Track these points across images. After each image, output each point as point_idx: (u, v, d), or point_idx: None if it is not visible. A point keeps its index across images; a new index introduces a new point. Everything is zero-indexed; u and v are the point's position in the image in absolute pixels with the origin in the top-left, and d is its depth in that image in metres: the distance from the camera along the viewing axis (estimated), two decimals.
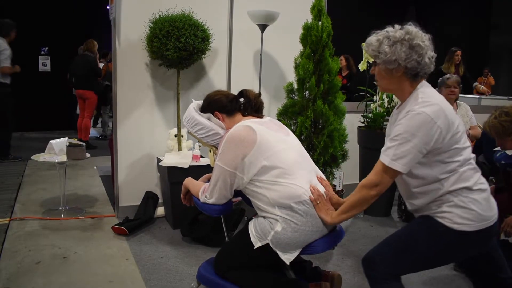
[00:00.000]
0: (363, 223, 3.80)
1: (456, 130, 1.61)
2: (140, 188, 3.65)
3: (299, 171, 1.81)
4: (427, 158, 1.61)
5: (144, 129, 3.62)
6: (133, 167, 3.64)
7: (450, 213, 1.62)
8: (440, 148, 1.60)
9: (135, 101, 3.56)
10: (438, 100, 1.61)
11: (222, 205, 1.88)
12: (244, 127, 1.82)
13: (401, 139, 1.57)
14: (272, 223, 1.76)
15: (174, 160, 3.37)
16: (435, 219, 1.65)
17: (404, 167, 1.59)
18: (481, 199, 1.64)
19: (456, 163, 1.63)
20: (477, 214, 1.61)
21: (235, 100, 2.01)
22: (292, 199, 1.74)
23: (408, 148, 1.56)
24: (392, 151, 1.58)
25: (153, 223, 3.54)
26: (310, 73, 3.23)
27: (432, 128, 1.55)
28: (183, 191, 2.09)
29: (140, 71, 3.53)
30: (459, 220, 1.60)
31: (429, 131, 1.55)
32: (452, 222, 1.61)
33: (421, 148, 1.57)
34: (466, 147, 1.66)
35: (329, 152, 3.28)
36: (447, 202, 1.63)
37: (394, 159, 1.58)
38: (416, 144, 1.56)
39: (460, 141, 1.63)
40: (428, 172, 1.63)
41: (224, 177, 1.80)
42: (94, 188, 4.49)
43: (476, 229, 1.60)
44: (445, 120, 1.58)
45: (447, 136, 1.59)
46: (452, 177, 1.63)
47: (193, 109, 2.02)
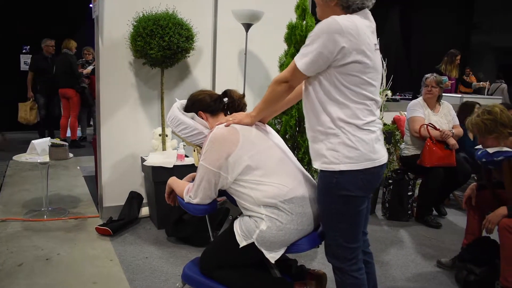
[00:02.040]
0: None
1: (365, 57, 1.62)
2: (124, 188, 3.63)
3: (284, 169, 1.82)
4: (330, 73, 1.63)
5: (128, 129, 3.60)
6: (117, 167, 3.61)
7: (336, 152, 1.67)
8: (342, 66, 1.61)
9: (118, 100, 3.53)
10: (359, 21, 1.63)
11: (206, 205, 1.87)
12: (228, 128, 1.82)
13: (310, 40, 1.63)
14: (257, 222, 1.77)
15: (159, 159, 3.36)
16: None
17: (303, 66, 1.64)
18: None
19: (354, 92, 1.64)
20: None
21: (219, 100, 2.01)
22: (277, 198, 1.75)
23: (312, 49, 1.61)
24: (302, 49, 1.65)
25: (137, 223, 3.52)
26: None
27: (338, 37, 1.57)
28: (167, 191, 2.08)
29: (123, 70, 3.51)
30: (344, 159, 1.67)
31: (334, 38, 1.58)
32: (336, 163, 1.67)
33: (323, 52, 1.59)
34: (374, 84, 1.68)
35: None
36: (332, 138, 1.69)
37: (300, 57, 1.65)
38: (319, 45, 1.59)
39: (368, 74, 1.64)
40: (328, 88, 1.65)
41: (208, 177, 1.80)
42: (77, 188, 4.44)
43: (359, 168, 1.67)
44: (355, 39, 1.59)
45: (350, 57, 1.60)
46: (348, 108, 1.66)
47: (177, 109, 2.01)
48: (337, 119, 1.66)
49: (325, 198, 1.74)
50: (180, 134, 1.99)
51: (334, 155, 1.67)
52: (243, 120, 1.85)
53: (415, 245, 3.37)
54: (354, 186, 1.67)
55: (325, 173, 1.70)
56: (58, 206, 3.82)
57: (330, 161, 1.68)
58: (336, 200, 1.70)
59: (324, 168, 1.69)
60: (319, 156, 1.72)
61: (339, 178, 1.67)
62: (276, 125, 3.36)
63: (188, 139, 1.99)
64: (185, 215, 3.17)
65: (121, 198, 3.61)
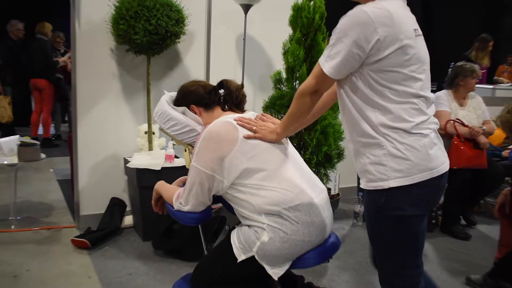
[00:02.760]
0: (363, 232, 3.83)
1: (404, 47, 1.57)
2: (104, 194, 3.63)
3: (288, 171, 1.82)
4: (362, 73, 1.60)
5: (109, 126, 3.60)
6: (96, 170, 3.62)
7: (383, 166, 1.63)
8: (378, 62, 1.57)
9: (98, 92, 3.53)
10: (391, 6, 1.58)
11: (199, 213, 1.87)
12: (224, 123, 1.82)
13: (335, 38, 1.59)
14: (258, 233, 1.77)
15: (145, 161, 3.36)
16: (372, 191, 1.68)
17: (331, 70, 1.60)
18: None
19: (395, 92, 1.60)
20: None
21: (214, 92, 2.00)
22: (280, 204, 1.75)
23: (339, 48, 1.57)
24: (327, 51, 1.61)
25: (119, 234, 3.53)
26: (301, 60, 3.24)
27: (369, 29, 1.53)
28: (155, 197, 2.08)
29: (104, 58, 3.51)
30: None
31: (365, 32, 1.54)
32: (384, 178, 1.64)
33: (353, 50, 1.55)
34: (419, 78, 1.63)
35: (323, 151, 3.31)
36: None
37: (327, 60, 1.61)
38: (347, 43, 1.55)
39: (409, 67, 1.60)
40: (363, 91, 1.62)
41: (201, 180, 1.80)
42: (50, 194, 4.44)
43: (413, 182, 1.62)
44: (390, 28, 1.54)
45: (388, 49, 1.56)
46: (390, 112, 1.61)
47: (166, 102, 2.01)
48: (379, 126, 1.61)
49: (374, 221, 1.71)
50: (170, 131, 1.99)
51: (380, 170, 1.63)
52: (266, 136, 1.82)
53: (440, 259, 3.37)
54: (408, 204, 1.62)
55: (371, 192, 1.67)
56: (28, 214, 3.82)
57: (376, 178, 1.63)
58: (387, 222, 1.66)
59: (371, 187, 1.65)
60: (363, 172, 1.69)
61: (388, 196, 1.62)
62: None
63: (178, 137, 1.99)
64: (174, 224, 3.18)
65: (101, 205, 3.61)
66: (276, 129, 1.83)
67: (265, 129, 1.84)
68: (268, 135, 1.83)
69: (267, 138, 1.82)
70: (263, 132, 1.83)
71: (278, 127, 1.83)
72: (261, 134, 1.82)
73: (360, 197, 3.96)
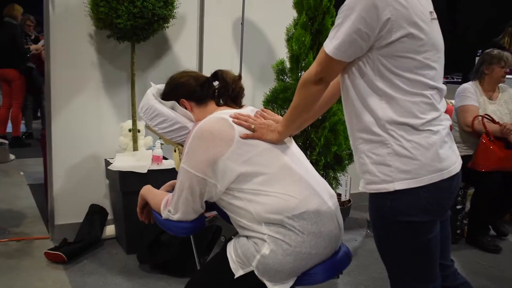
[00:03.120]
0: None
1: (418, 31, 1.58)
2: (82, 201, 3.63)
3: (292, 174, 1.82)
4: (371, 58, 1.60)
5: (87, 122, 3.60)
6: (73, 173, 3.61)
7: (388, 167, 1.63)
8: (388, 46, 1.57)
9: (75, 84, 3.53)
10: None
11: (191, 222, 1.87)
12: (219, 120, 1.82)
13: (342, 16, 1.59)
14: (258, 245, 1.77)
15: (129, 163, 3.36)
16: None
17: (335, 51, 1.59)
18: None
19: (407, 80, 1.60)
20: None
21: (208, 84, 2.00)
22: (283, 212, 1.74)
23: (346, 26, 1.57)
24: (333, 32, 1.61)
25: (100, 246, 3.53)
26: (307, 47, 3.24)
27: (380, 5, 1.53)
28: (140, 204, 2.08)
29: (81, 45, 3.51)
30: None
31: (375, 8, 1.53)
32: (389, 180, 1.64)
33: (361, 28, 1.55)
34: (433, 67, 1.64)
35: (332, 151, 3.30)
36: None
37: (331, 41, 1.61)
38: (354, 20, 1.55)
39: (424, 53, 1.60)
40: (369, 78, 1.62)
41: (192, 185, 1.80)
42: (20, 200, 4.44)
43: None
44: (403, 7, 1.54)
45: (399, 32, 1.56)
46: (398, 104, 1.61)
47: (153, 96, 2.01)
48: (384, 120, 1.61)
49: (379, 228, 1.71)
50: (157, 129, 1.98)
51: (384, 171, 1.62)
52: (266, 136, 1.81)
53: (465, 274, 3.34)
54: (416, 208, 1.62)
55: (375, 195, 1.67)
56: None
57: (379, 180, 1.63)
58: (394, 229, 1.66)
59: (373, 189, 1.65)
60: (364, 173, 1.69)
61: (394, 200, 1.62)
62: None
63: (167, 136, 1.99)
64: (163, 235, 3.17)
65: (79, 213, 3.61)
66: (277, 127, 1.83)
67: (265, 127, 1.83)
68: (268, 134, 1.82)
69: (267, 137, 1.82)
70: (262, 131, 1.82)
71: (279, 125, 1.83)
72: (260, 133, 1.82)
73: None
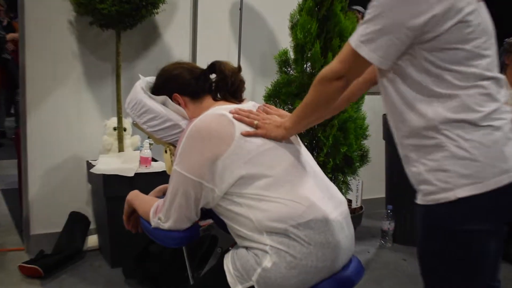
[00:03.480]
0: (392, 255, 3.85)
1: (466, 18, 1.54)
2: (61, 208, 3.63)
3: (298, 179, 1.82)
4: (414, 55, 1.58)
5: (67, 120, 3.60)
6: (51, 176, 3.62)
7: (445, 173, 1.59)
8: (434, 39, 1.54)
9: (53, 77, 3.53)
10: None
11: (183, 231, 1.88)
12: (217, 116, 1.82)
13: (374, 12, 1.56)
14: (259, 257, 1.77)
15: (114, 165, 3.36)
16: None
17: (372, 55, 1.57)
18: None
19: (458, 74, 1.57)
20: None
21: (203, 77, 2.01)
22: (287, 220, 1.74)
23: (382, 24, 1.54)
24: (362, 29, 1.59)
25: (81, 258, 3.53)
26: (313, 36, 3.25)
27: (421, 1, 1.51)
28: (126, 211, 2.08)
29: (60, 33, 3.51)
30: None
31: (418, 3, 1.51)
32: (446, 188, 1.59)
33: (399, 29, 1.53)
34: (486, 55, 1.60)
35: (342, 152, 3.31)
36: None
37: (362, 40, 1.58)
38: (393, 17, 1.53)
39: (473, 41, 1.57)
40: (414, 78, 1.60)
41: (186, 189, 1.80)
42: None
43: None
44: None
45: (448, 23, 1.53)
46: (451, 99, 1.58)
47: (141, 90, 2.01)
48: (436, 121, 1.57)
49: (429, 238, 1.67)
50: (146, 127, 1.99)
51: (442, 178, 1.58)
52: (271, 132, 1.82)
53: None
54: (478, 216, 1.57)
55: (432, 207, 1.62)
56: None
57: (438, 188, 1.58)
58: (447, 239, 1.62)
59: (433, 201, 1.61)
60: (420, 184, 1.65)
61: (454, 208, 1.57)
62: None
63: (157, 135, 2.00)
64: (152, 246, 3.17)
65: (57, 222, 3.61)
66: (284, 122, 1.83)
67: (269, 123, 1.84)
68: (274, 131, 1.82)
69: (273, 134, 1.82)
70: (267, 127, 1.83)
71: (287, 121, 1.83)
72: (265, 129, 1.82)
73: (390, 211, 3.97)
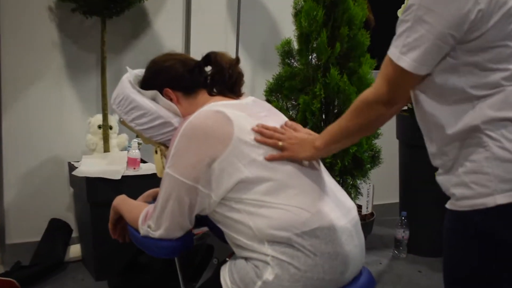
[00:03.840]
0: (407, 267, 3.86)
1: (511, 11, 1.53)
2: (41, 214, 3.63)
3: (302, 182, 1.83)
4: (455, 57, 1.57)
5: (47, 117, 3.61)
6: (28, 180, 3.62)
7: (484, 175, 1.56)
8: (479, 38, 1.53)
9: (32, 70, 3.54)
10: None
11: (176, 240, 1.88)
12: (213, 114, 1.83)
13: (412, 18, 1.54)
14: (259, 268, 1.77)
15: (98, 167, 3.36)
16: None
17: (414, 65, 1.55)
18: None
19: (504, 73, 1.56)
20: None
21: (198, 70, 2.01)
22: (290, 228, 1.75)
23: (422, 31, 1.53)
24: (401, 39, 1.57)
25: (63, 270, 3.53)
26: (319, 24, 3.25)
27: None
28: (113, 218, 2.09)
29: (40, 21, 3.51)
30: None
31: (461, 2, 1.49)
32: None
33: (443, 32, 1.52)
34: None
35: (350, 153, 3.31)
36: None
37: (403, 51, 1.56)
38: (433, 22, 1.52)
39: None
40: (454, 81, 1.58)
41: (179, 194, 1.80)
42: None
43: None
44: None
45: (493, 17, 1.53)
46: (494, 96, 1.56)
47: (129, 84, 2.02)
48: (478, 121, 1.55)
49: (461, 249, 1.64)
50: (134, 124, 2.00)
51: (480, 181, 1.55)
52: (298, 154, 1.82)
53: None
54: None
55: (465, 214, 1.60)
56: None
57: (474, 193, 1.55)
58: (483, 251, 1.59)
59: (466, 206, 1.58)
60: (453, 186, 1.62)
61: (491, 218, 1.55)
62: (290, 111, 3.37)
63: (146, 133, 2.01)
64: (141, 257, 3.18)
65: (36, 230, 3.61)
66: (314, 141, 1.82)
67: (296, 142, 1.83)
68: (302, 151, 1.82)
69: (301, 155, 1.82)
70: (294, 148, 1.82)
71: (318, 139, 1.82)
72: (291, 151, 1.81)
73: (404, 218, 3.97)
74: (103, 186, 3.28)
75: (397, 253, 4.03)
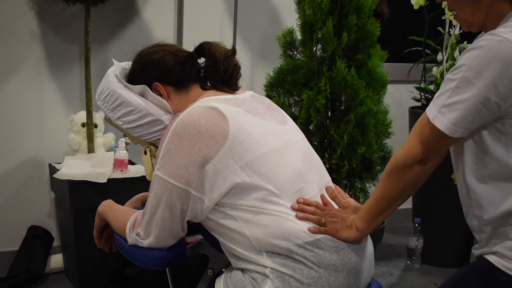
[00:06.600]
0: (421, 279, 3.86)
1: None
2: (18, 221, 3.63)
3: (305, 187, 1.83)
4: (502, 123, 1.60)
5: (26, 115, 3.61)
6: (5, 184, 3.62)
7: None
8: None
9: (8, 64, 3.54)
10: None
11: (167, 250, 1.88)
12: (206, 110, 1.82)
13: (461, 79, 1.56)
14: (257, 281, 1.77)
15: (82, 169, 3.36)
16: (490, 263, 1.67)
17: (451, 127, 1.58)
18: None
19: None
20: None
21: (190, 62, 2.01)
22: (291, 238, 1.75)
23: (467, 94, 1.55)
24: (444, 97, 1.59)
25: (43, 282, 3.54)
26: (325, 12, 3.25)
27: None
28: (98, 225, 2.09)
29: (18, 9, 3.51)
30: None
31: (509, 71, 1.52)
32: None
33: (489, 99, 1.54)
34: None
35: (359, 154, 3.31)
36: None
37: (443, 111, 1.59)
38: (481, 87, 1.54)
39: None
40: (499, 151, 1.62)
41: (170, 199, 1.80)
42: None
43: None
44: None
45: None
46: None
47: (115, 78, 2.02)
48: None
49: (473, 283, 1.71)
50: (121, 123, 2.00)
51: None
52: (341, 233, 1.81)
53: None
54: None
55: (496, 270, 1.66)
56: None
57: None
58: None
59: (501, 267, 1.64)
60: (494, 235, 1.68)
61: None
62: (292, 108, 3.37)
63: (134, 132, 2.01)
64: (128, 268, 3.18)
65: (13, 238, 3.62)
66: (355, 222, 1.82)
67: (338, 221, 1.82)
68: (345, 231, 1.81)
69: (343, 235, 1.81)
70: (336, 226, 1.81)
71: (358, 219, 1.82)
72: (334, 229, 1.80)
73: (417, 226, 3.97)
74: (87, 190, 3.28)
75: (410, 263, 4.03)
